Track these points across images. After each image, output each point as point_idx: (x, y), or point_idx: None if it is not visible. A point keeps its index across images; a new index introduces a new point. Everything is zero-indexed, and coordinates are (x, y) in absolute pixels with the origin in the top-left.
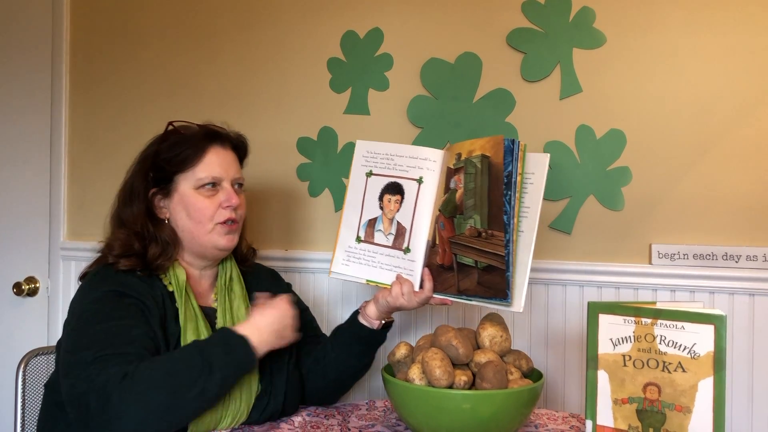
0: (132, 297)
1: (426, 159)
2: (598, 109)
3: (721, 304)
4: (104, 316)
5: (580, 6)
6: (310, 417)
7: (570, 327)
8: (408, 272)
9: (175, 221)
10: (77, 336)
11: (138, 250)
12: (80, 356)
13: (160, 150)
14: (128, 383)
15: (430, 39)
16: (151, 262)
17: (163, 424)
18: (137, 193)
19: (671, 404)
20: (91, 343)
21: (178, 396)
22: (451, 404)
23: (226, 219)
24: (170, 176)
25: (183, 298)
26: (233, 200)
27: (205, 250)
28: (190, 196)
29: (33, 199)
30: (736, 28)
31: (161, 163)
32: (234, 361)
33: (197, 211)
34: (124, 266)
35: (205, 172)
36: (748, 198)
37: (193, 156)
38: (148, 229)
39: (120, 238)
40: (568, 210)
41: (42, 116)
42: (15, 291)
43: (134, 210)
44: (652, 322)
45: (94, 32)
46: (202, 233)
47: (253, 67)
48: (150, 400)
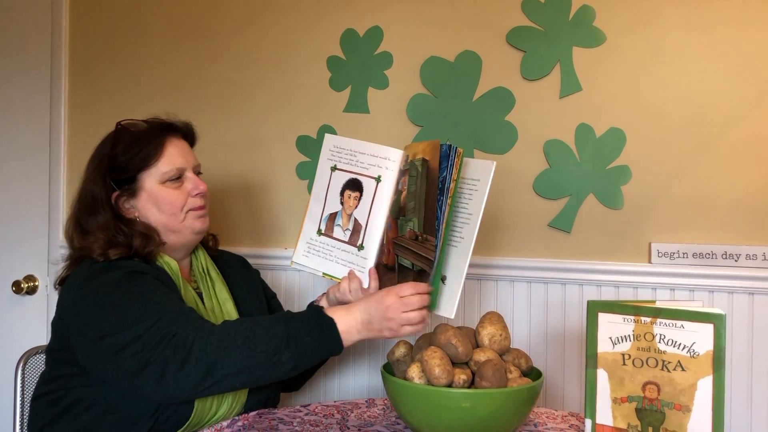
0: (149, 274)
1: (386, 158)
2: (598, 108)
3: (721, 303)
4: (137, 293)
5: (580, 4)
6: (309, 416)
7: (569, 326)
8: (360, 269)
9: (145, 218)
10: (115, 319)
11: (123, 242)
12: (131, 333)
13: (116, 152)
14: (210, 337)
15: (429, 37)
16: (139, 250)
17: (236, 383)
18: (99, 200)
19: (670, 403)
20: (137, 319)
21: (252, 359)
22: (451, 403)
23: (197, 206)
24: (133, 176)
25: (181, 281)
26: (201, 187)
27: (182, 237)
28: (157, 191)
29: (32, 197)
30: (737, 27)
31: (120, 164)
32: (315, 340)
33: (168, 204)
34: (115, 255)
35: (168, 165)
36: (748, 197)
37: (153, 151)
38: (122, 229)
39: (99, 238)
40: (567, 209)
41: (41, 115)
42: (14, 289)
43: (99, 218)
44: (651, 320)
45: (93, 31)
46: (176, 223)
47: (253, 65)
48: (228, 356)
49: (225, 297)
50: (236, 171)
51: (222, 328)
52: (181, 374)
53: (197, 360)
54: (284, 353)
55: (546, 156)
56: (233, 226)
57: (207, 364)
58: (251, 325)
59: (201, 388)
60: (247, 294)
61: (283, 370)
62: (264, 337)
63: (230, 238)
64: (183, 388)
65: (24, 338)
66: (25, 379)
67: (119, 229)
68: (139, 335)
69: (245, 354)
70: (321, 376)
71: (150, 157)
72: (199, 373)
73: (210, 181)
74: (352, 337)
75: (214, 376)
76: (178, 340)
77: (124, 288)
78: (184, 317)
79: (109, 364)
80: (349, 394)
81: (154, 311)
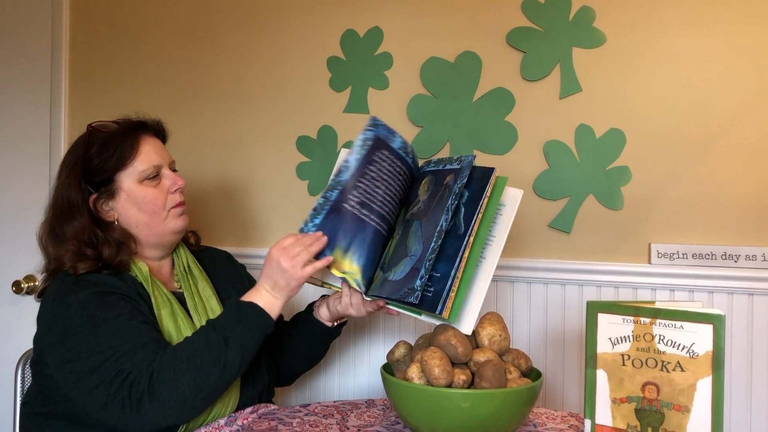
0: (115, 293)
1: None
2: (598, 109)
3: (720, 304)
4: (100, 319)
5: (580, 5)
6: (309, 416)
7: (569, 326)
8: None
9: (126, 219)
10: (76, 344)
11: (92, 255)
12: (89, 362)
13: (90, 155)
14: (156, 374)
15: (429, 38)
16: (108, 261)
17: (197, 403)
18: (75, 204)
19: (670, 403)
20: (97, 348)
21: (203, 374)
22: (450, 403)
23: (177, 203)
24: (110, 177)
25: (152, 287)
26: (179, 182)
27: (163, 238)
28: (136, 190)
29: (32, 197)
30: (737, 28)
31: (96, 166)
32: (246, 326)
33: (149, 203)
34: (83, 269)
35: (145, 163)
36: (748, 197)
37: (129, 150)
38: (97, 235)
39: (70, 249)
40: (567, 209)
41: (41, 115)
42: (14, 289)
43: (76, 223)
44: (650, 321)
45: (93, 31)
46: (158, 222)
47: (253, 66)
48: (179, 383)
49: (208, 294)
50: (236, 171)
51: (166, 358)
52: (139, 415)
53: (152, 398)
54: (228, 353)
55: (546, 156)
56: (232, 226)
57: (161, 399)
58: (188, 344)
59: (164, 423)
60: (231, 289)
61: (233, 368)
62: (203, 349)
63: (230, 238)
64: (145, 426)
65: (24, 338)
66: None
67: (94, 236)
68: (95, 366)
69: (194, 371)
70: (321, 376)
71: (126, 156)
72: (157, 410)
73: (209, 181)
74: (275, 307)
75: (173, 406)
76: (132, 380)
77: (88, 312)
78: (141, 351)
79: (73, 391)
80: (349, 394)
81: (113, 341)
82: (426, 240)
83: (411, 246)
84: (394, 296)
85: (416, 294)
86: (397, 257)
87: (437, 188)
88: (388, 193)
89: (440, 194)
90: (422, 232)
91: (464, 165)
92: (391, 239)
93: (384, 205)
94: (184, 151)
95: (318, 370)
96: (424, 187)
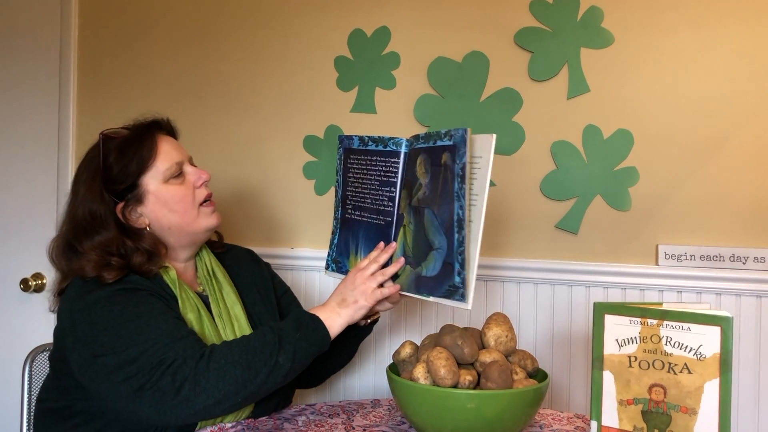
0: (144, 290)
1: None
2: (606, 109)
3: (728, 306)
4: (132, 314)
5: (588, 5)
6: (314, 416)
7: (575, 327)
8: None
9: (158, 223)
10: (108, 339)
11: (117, 264)
12: (125, 355)
13: (109, 163)
14: (205, 362)
15: (437, 38)
16: (136, 268)
17: (238, 398)
18: (100, 217)
19: (677, 406)
20: (132, 341)
21: (253, 370)
22: (456, 404)
23: (206, 196)
24: (134, 182)
25: (179, 290)
26: (204, 175)
27: (196, 236)
28: (163, 190)
29: (40, 196)
30: (745, 29)
31: (117, 174)
32: (304, 337)
33: (178, 201)
34: (110, 278)
35: (167, 161)
36: (756, 199)
37: (148, 152)
38: (126, 245)
39: (92, 259)
40: (574, 210)
41: (50, 115)
42: (22, 287)
43: (100, 237)
44: (658, 323)
45: (101, 34)
46: (191, 221)
47: (260, 65)
48: (227, 374)
49: (233, 300)
50: (242, 170)
51: (220, 348)
52: (178, 401)
53: (196, 385)
54: (280, 355)
55: (553, 157)
56: (239, 225)
57: (206, 388)
58: (244, 340)
59: (201, 414)
60: (256, 294)
61: (282, 372)
62: (258, 346)
63: (236, 237)
64: (181, 415)
65: (32, 335)
66: (32, 375)
67: (123, 247)
68: (133, 358)
69: (245, 366)
70: None
71: (146, 158)
72: (198, 398)
73: (216, 181)
74: (335, 323)
75: (214, 396)
76: (177, 366)
77: (118, 307)
78: (182, 341)
79: (103, 384)
80: (355, 394)
81: (150, 334)
82: (447, 230)
83: (433, 238)
84: (436, 294)
85: (460, 291)
86: (421, 250)
87: (436, 169)
88: (369, 185)
89: (443, 177)
90: (438, 221)
91: (457, 141)
92: (402, 227)
93: (371, 198)
94: (190, 150)
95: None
96: (421, 168)
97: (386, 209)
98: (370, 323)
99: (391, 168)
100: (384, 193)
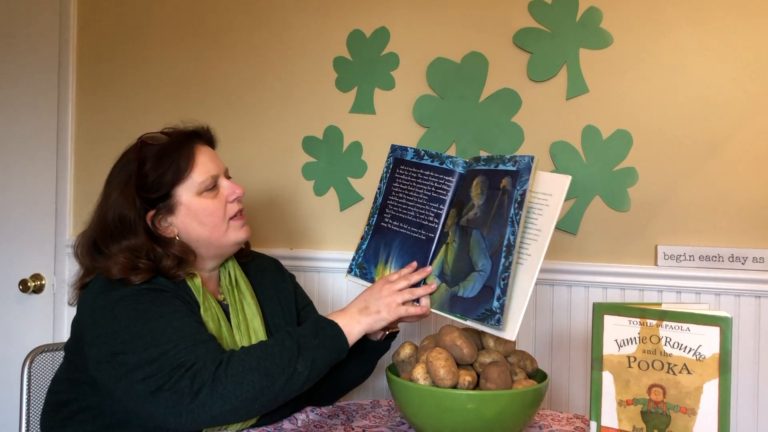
0: (169, 292)
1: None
2: (605, 110)
3: (727, 306)
4: (155, 314)
5: (587, 6)
6: (314, 416)
7: (575, 328)
8: None
9: (186, 234)
10: (130, 338)
11: (145, 266)
12: (146, 354)
13: (145, 171)
14: (224, 368)
15: (436, 38)
16: (164, 271)
17: (255, 405)
18: (130, 223)
19: (676, 406)
20: (154, 341)
21: (271, 377)
22: (455, 404)
23: (237, 211)
24: (168, 192)
25: (203, 297)
26: (237, 191)
27: (223, 249)
28: (196, 203)
29: (39, 196)
30: (744, 29)
31: (152, 182)
32: (322, 344)
33: (209, 215)
34: (138, 281)
35: (203, 174)
36: (755, 199)
37: (185, 163)
38: (155, 251)
39: (119, 261)
40: (573, 210)
41: (49, 116)
42: (21, 288)
43: (127, 242)
44: (657, 323)
45: (100, 33)
46: (219, 235)
47: (259, 66)
48: (245, 381)
49: (253, 312)
50: (241, 172)
51: (238, 354)
52: (195, 405)
53: (214, 391)
54: (299, 362)
55: (552, 157)
56: None
57: (223, 394)
58: (262, 346)
59: (217, 419)
60: (276, 306)
61: (300, 380)
62: (276, 353)
63: None
64: (197, 419)
65: (31, 336)
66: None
67: (152, 252)
68: (153, 358)
69: (263, 373)
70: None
71: (183, 169)
72: (215, 404)
73: None
74: (354, 330)
75: (231, 402)
76: (197, 370)
77: (142, 306)
78: (203, 346)
79: (120, 383)
80: (354, 395)
81: (172, 335)
82: (493, 254)
83: (477, 260)
84: (471, 315)
85: (497, 316)
86: (461, 270)
87: (493, 192)
88: (416, 199)
89: (498, 200)
90: (486, 244)
91: (522, 167)
92: (445, 245)
93: (414, 211)
94: None
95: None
96: (477, 189)
97: (430, 224)
98: (388, 335)
99: (443, 185)
100: (431, 208)
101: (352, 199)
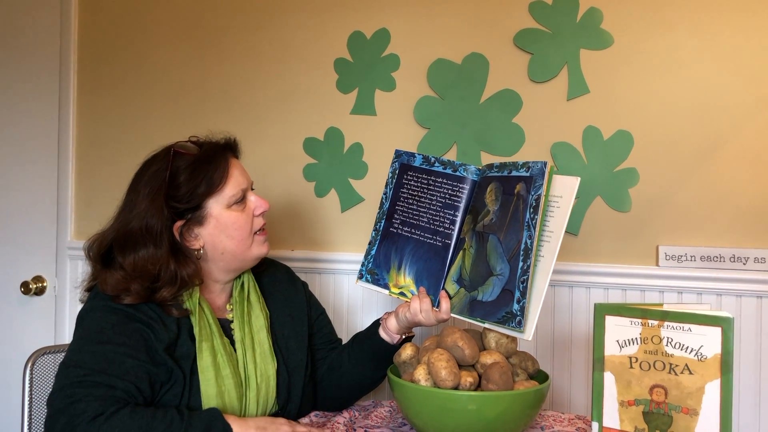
0: (139, 322)
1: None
2: (606, 110)
3: (729, 306)
4: (105, 338)
5: (588, 7)
6: (317, 417)
7: (576, 328)
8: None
9: (212, 246)
10: (77, 348)
11: (136, 291)
12: (70, 372)
13: (178, 182)
14: (99, 423)
15: (436, 40)
16: (156, 300)
17: None
18: (155, 232)
19: (678, 406)
20: (83, 362)
21: None
22: (457, 405)
23: (261, 226)
24: (199, 204)
25: (198, 316)
26: (264, 205)
27: (245, 263)
28: (225, 216)
29: (41, 199)
30: (744, 30)
31: (184, 194)
32: None
33: (238, 229)
34: (128, 301)
35: (234, 188)
36: (756, 200)
37: (219, 176)
38: (168, 269)
39: (115, 277)
40: (575, 211)
41: (50, 118)
42: (22, 290)
43: (144, 252)
44: (658, 324)
45: (101, 36)
46: (244, 249)
47: (260, 68)
48: None
49: (260, 325)
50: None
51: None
52: None
53: None
54: None
55: (553, 158)
56: None
57: None
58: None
59: None
60: (287, 316)
61: None
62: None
63: None
64: None
65: (32, 338)
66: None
67: (165, 269)
68: (65, 384)
69: None
70: None
71: (216, 182)
72: None
73: None
74: None
75: None
76: (80, 409)
77: (102, 325)
78: (106, 389)
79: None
80: None
81: (96, 364)
82: (511, 258)
83: (495, 264)
84: (491, 319)
85: (517, 319)
86: (479, 274)
87: (507, 198)
88: (428, 206)
89: (513, 205)
90: (503, 248)
91: (535, 173)
92: (462, 251)
93: (427, 218)
94: None
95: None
96: (491, 195)
97: (446, 231)
98: (405, 339)
99: (457, 192)
100: (446, 215)
101: (353, 201)
